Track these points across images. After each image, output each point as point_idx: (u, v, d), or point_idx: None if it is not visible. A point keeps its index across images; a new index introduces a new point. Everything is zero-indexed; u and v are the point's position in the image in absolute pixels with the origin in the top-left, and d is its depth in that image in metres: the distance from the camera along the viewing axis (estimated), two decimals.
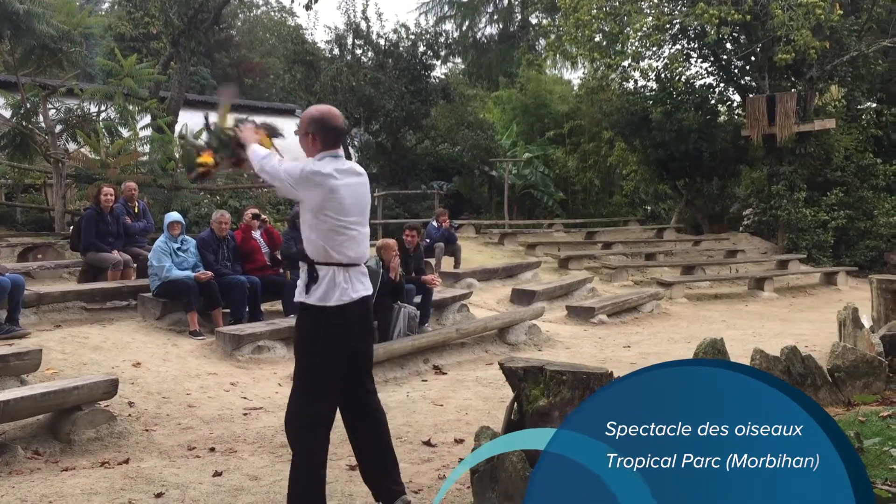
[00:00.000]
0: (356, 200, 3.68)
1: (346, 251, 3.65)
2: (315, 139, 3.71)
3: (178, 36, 16.85)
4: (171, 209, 12.02)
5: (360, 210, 3.70)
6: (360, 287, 3.72)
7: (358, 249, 3.70)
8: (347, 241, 3.65)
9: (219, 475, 4.50)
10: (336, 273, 3.65)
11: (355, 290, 3.69)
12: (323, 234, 3.61)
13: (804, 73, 18.45)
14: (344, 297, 3.65)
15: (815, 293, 15.71)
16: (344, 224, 3.62)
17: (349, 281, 3.67)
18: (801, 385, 5.57)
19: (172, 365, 6.96)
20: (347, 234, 3.64)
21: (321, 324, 3.68)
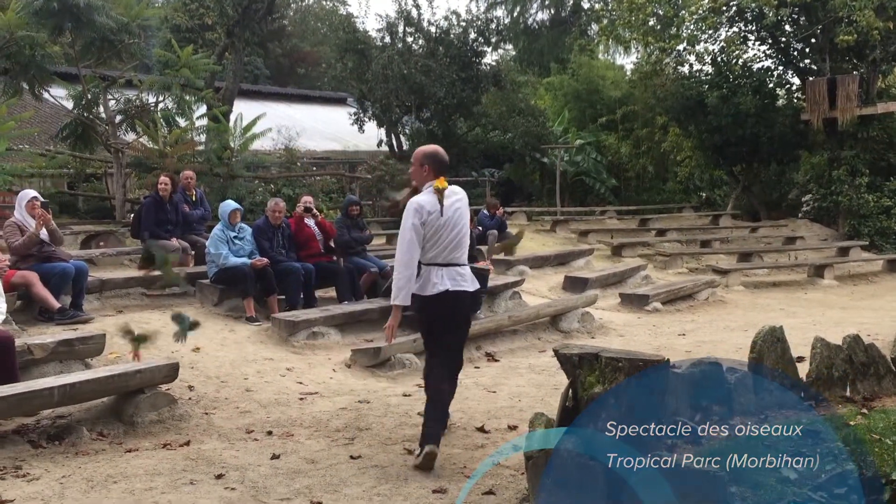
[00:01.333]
0: (448, 216, 4.70)
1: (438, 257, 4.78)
2: (428, 170, 4.72)
3: (233, 26, 17.08)
4: (227, 197, 12.24)
5: (447, 220, 4.69)
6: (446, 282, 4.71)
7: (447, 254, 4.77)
8: (440, 247, 4.76)
9: (276, 458, 4.59)
10: (432, 271, 4.77)
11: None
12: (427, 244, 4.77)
13: (867, 55, 17.92)
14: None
15: (877, 281, 15.29)
16: (437, 239, 4.73)
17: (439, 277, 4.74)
18: (863, 374, 5.44)
19: (230, 350, 7.10)
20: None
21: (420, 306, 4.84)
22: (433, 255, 4.66)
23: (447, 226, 4.64)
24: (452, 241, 4.67)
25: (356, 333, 8.05)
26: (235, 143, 13.85)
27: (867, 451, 3.76)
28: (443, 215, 4.62)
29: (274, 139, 17.17)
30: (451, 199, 4.69)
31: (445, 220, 4.63)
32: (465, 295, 4.75)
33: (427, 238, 4.63)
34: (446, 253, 4.68)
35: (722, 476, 3.18)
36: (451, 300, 4.66)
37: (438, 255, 4.66)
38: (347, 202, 10.08)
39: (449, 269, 4.69)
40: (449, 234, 4.65)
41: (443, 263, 4.68)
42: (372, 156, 21.09)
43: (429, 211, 4.60)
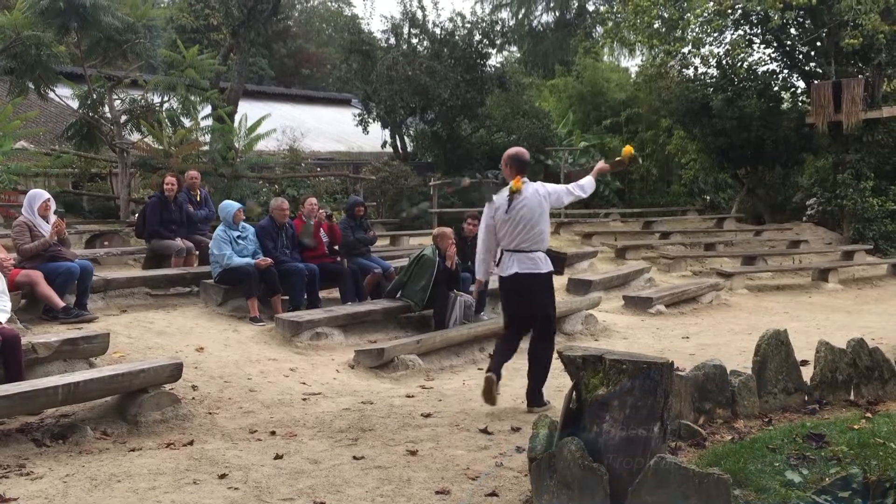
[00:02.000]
0: (521, 209, 5.70)
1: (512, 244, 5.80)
2: (510, 169, 5.76)
3: (238, 27, 17.11)
4: (231, 197, 12.27)
5: (520, 215, 5.70)
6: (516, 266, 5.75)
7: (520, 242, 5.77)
8: (513, 236, 5.78)
9: (280, 458, 4.59)
10: (508, 256, 5.84)
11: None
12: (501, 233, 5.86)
13: (872, 59, 17.87)
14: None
15: (881, 285, 15.25)
16: (511, 229, 5.79)
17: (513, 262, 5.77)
18: (867, 378, 5.44)
19: (234, 350, 7.11)
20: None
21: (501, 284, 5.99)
22: (505, 243, 5.76)
23: (513, 220, 5.65)
24: (520, 232, 5.67)
25: (360, 334, 8.06)
26: (240, 143, 13.89)
27: (871, 454, 3.76)
28: (508, 213, 5.63)
29: (278, 140, 17.20)
30: (520, 198, 5.64)
31: (511, 216, 5.65)
32: (536, 276, 5.71)
33: (498, 229, 5.74)
34: (516, 242, 5.70)
35: (726, 479, 3.17)
36: (520, 281, 5.70)
37: (510, 244, 5.73)
38: (353, 203, 10.08)
39: (519, 254, 5.70)
40: (516, 227, 5.66)
41: (513, 250, 5.73)
42: (376, 157, 21.11)
43: (496, 208, 5.72)
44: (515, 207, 5.65)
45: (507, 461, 4.52)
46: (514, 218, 5.65)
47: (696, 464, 3.80)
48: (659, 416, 3.61)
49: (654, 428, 3.60)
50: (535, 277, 5.72)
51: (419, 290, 8.36)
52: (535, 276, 5.72)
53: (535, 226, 5.69)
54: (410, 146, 22.25)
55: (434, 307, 8.44)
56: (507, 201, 5.67)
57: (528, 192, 5.70)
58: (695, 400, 4.84)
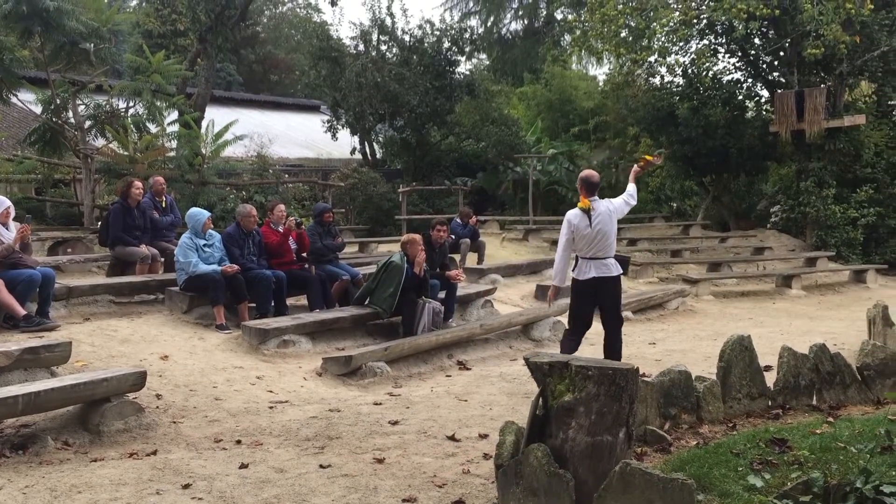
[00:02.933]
0: (597, 224, 6.67)
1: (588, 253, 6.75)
2: (581, 189, 6.79)
3: (205, 32, 16.99)
4: (198, 204, 12.14)
5: (598, 228, 6.65)
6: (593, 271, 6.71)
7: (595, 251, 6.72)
8: (588, 247, 6.73)
9: (245, 467, 4.54)
10: (584, 263, 6.79)
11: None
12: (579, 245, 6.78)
13: (834, 69, 18.19)
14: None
15: (843, 291, 15.50)
16: (587, 241, 6.73)
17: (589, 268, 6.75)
18: (829, 383, 5.52)
19: (199, 358, 7.03)
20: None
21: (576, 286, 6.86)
22: (584, 252, 6.70)
23: (592, 233, 6.63)
24: (597, 243, 6.66)
25: (327, 342, 8.02)
26: (207, 149, 13.76)
27: (832, 459, 3.81)
28: (591, 227, 6.63)
29: (246, 146, 17.09)
30: (596, 214, 6.64)
31: (590, 230, 6.63)
32: (608, 279, 6.72)
33: (577, 241, 6.70)
34: (593, 251, 6.68)
35: (690, 484, 3.19)
36: (596, 283, 6.69)
37: (587, 252, 6.69)
38: (321, 209, 10.02)
39: (595, 261, 6.70)
40: (594, 239, 6.65)
41: (590, 258, 6.70)
42: (345, 163, 21.07)
43: (576, 224, 6.68)
44: (594, 222, 6.65)
45: (475, 468, 4.52)
46: (592, 231, 6.64)
47: (662, 469, 3.83)
48: (624, 422, 3.63)
49: (620, 434, 3.62)
50: (608, 280, 6.74)
51: (387, 297, 8.33)
52: (608, 278, 6.74)
53: (607, 237, 6.71)
54: (379, 153, 22.24)
55: (402, 314, 8.42)
56: (584, 218, 6.67)
57: (601, 208, 6.73)
58: (661, 405, 4.88)
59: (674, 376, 4.99)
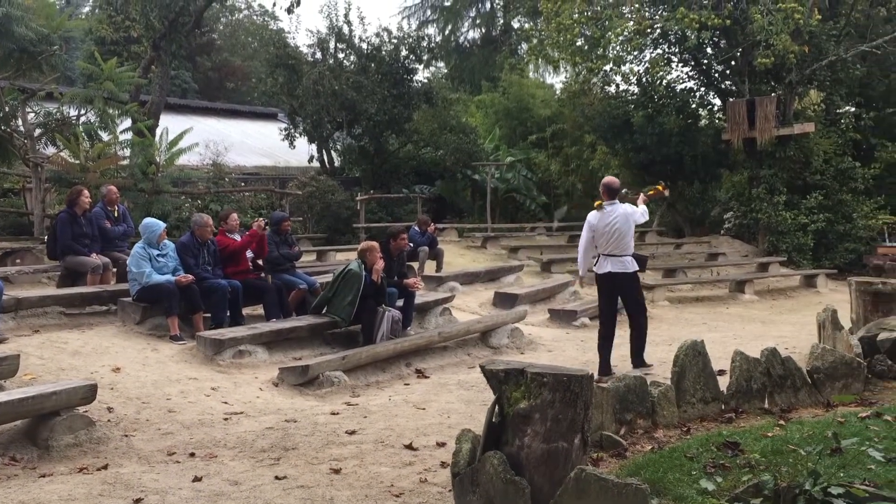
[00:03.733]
0: (612, 225, 7.59)
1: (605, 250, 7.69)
2: (603, 194, 7.67)
3: (159, 39, 16.77)
4: (152, 213, 11.97)
5: (614, 229, 7.56)
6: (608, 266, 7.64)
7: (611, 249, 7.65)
8: (606, 245, 7.67)
9: (198, 480, 4.47)
10: (603, 259, 7.73)
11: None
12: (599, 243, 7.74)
13: (784, 78, 18.60)
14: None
15: (795, 295, 15.81)
16: (605, 240, 7.67)
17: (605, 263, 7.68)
18: (780, 386, 5.61)
19: (152, 370, 6.91)
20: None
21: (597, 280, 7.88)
22: (602, 249, 7.62)
23: (608, 232, 7.55)
24: (612, 241, 7.55)
25: (284, 351, 7.94)
26: (161, 157, 13.58)
27: (782, 461, 3.87)
28: (605, 227, 7.54)
29: (201, 154, 16.90)
30: (610, 216, 7.55)
31: (605, 229, 7.55)
32: (624, 274, 7.59)
33: (597, 239, 7.63)
34: (609, 248, 7.59)
35: (644, 489, 3.22)
36: (612, 277, 7.60)
37: (605, 249, 7.60)
38: (279, 218, 9.93)
39: (612, 258, 7.59)
40: (610, 238, 7.56)
41: (607, 254, 7.61)
42: (303, 172, 20.93)
43: (595, 224, 7.64)
44: (609, 222, 7.54)
45: (432, 477, 4.51)
46: (609, 230, 7.54)
47: (617, 474, 3.86)
48: (580, 428, 3.66)
49: (575, 440, 3.64)
50: (623, 275, 7.60)
51: (346, 306, 8.28)
52: (624, 274, 7.60)
53: (623, 237, 7.58)
54: (338, 161, 22.15)
55: (362, 322, 8.38)
56: (602, 217, 7.57)
57: (619, 211, 7.59)
58: (616, 411, 4.92)
59: (629, 382, 5.03)
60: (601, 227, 7.56)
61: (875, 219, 19.36)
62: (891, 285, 8.54)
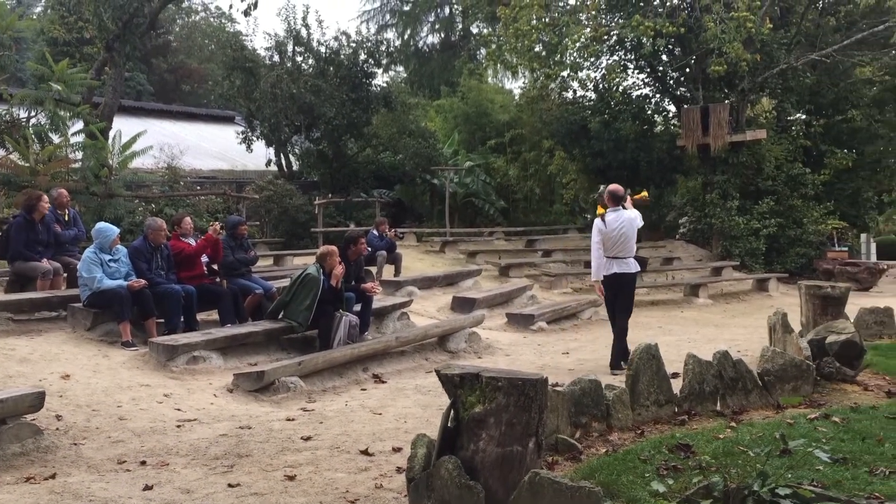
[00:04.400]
0: (620, 229, 8.17)
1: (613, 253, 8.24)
2: (608, 201, 8.31)
3: (113, 41, 16.50)
4: (105, 217, 11.76)
5: (621, 233, 8.13)
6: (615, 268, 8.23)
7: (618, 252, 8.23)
8: (614, 248, 8.22)
9: (149, 489, 4.40)
10: (610, 261, 8.25)
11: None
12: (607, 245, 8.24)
13: (736, 85, 18.95)
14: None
15: (747, 299, 16.09)
16: (613, 243, 8.21)
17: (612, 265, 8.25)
18: (732, 389, 5.70)
19: (103, 377, 6.78)
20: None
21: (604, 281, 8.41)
22: (608, 252, 8.16)
23: (615, 236, 8.12)
24: (619, 244, 8.14)
25: (240, 357, 7.85)
26: (114, 160, 13.35)
27: (732, 463, 3.93)
28: (614, 231, 8.11)
29: (156, 157, 16.66)
30: (617, 220, 8.14)
31: (611, 233, 8.13)
32: (627, 275, 8.23)
33: (604, 243, 8.16)
34: (615, 251, 8.17)
35: (597, 492, 3.25)
36: (619, 277, 8.20)
37: (611, 252, 8.16)
38: (235, 222, 9.83)
39: (617, 260, 8.17)
40: (617, 242, 8.13)
41: (613, 257, 8.18)
42: (260, 175, 20.75)
43: (601, 228, 8.20)
44: (617, 227, 8.13)
45: (387, 482, 4.49)
46: (617, 234, 8.11)
47: (572, 477, 3.88)
48: (534, 432, 3.67)
49: (530, 443, 3.66)
50: (628, 275, 8.26)
51: (303, 310, 8.22)
52: (628, 274, 8.26)
53: (629, 240, 8.18)
54: (296, 165, 21.99)
55: (319, 327, 8.32)
56: (611, 222, 8.15)
57: (625, 216, 8.18)
58: (572, 414, 4.95)
59: (584, 385, 5.07)
60: (610, 231, 8.12)
61: (824, 224, 19.84)
62: (839, 289, 8.74)
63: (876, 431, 4.72)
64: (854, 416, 5.12)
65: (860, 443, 4.49)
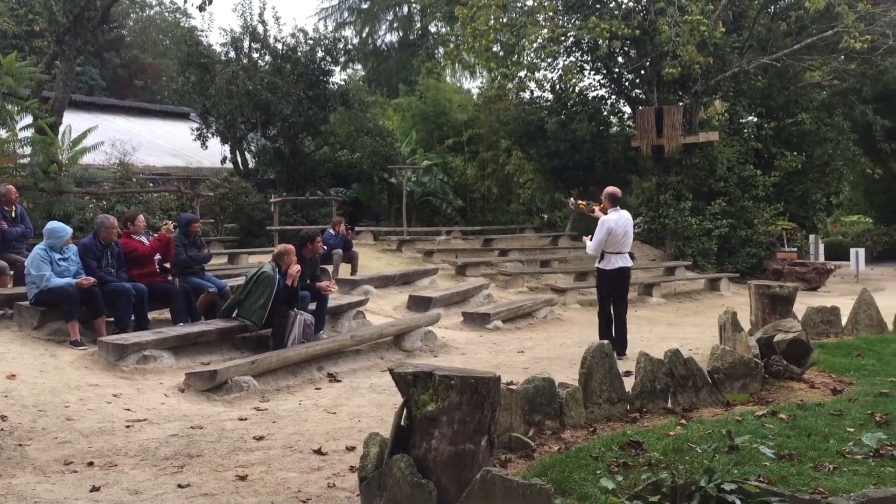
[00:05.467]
0: (623, 227, 9.01)
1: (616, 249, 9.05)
2: (608, 202, 9.02)
3: (64, 34, 16.13)
4: (54, 214, 11.52)
5: (624, 231, 8.99)
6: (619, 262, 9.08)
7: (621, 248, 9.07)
8: (616, 244, 9.00)
9: (96, 490, 4.32)
10: (611, 256, 9.02)
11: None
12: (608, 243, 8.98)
13: (690, 88, 19.22)
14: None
15: (699, 298, 16.34)
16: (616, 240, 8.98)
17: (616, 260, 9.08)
18: (682, 387, 5.79)
19: (50, 377, 6.64)
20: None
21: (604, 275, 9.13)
22: (612, 248, 8.94)
23: (621, 233, 8.94)
24: (622, 240, 8.96)
25: (192, 356, 7.75)
26: (64, 156, 13.07)
27: (680, 459, 3.99)
28: (621, 228, 8.92)
29: (108, 153, 16.34)
30: (621, 219, 8.95)
31: (619, 231, 8.91)
32: (628, 268, 9.20)
33: (610, 240, 8.89)
34: (618, 247, 8.98)
35: (548, 489, 3.27)
36: (622, 271, 9.09)
37: (615, 248, 8.96)
38: (188, 220, 9.70)
39: (620, 255, 9.04)
40: (621, 238, 8.95)
41: (616, 252, 9.00)
42: (215, 173, 20.48)
43: (612, 228, 8.87)
44: (622, 225, 8.95)
45: (340, 482, 4.47)
46: (621, 232, 8.93)
47: (524, 475, 3.91)
48: (486, 430, 3.68)
49: (482, 442, 3.67)
50: (628, 269, 9.23)
51: (258, 309, 8.15)
52: (628, 268, 9.22)
53: (629, 237, 9.08)
54: (252, 162, 21.76)
55: (273, 326, 8.25)
56: (614, 221, 8.89)
57: (625, 216, 9.05)
58: (525, 412, 4.98)
59: (538, 383, 5.10)
60: (618, 229, 8.88)
61: (774, 225, 20.24)
62: (787, 289, 8.93)
63: (821, 428, 4.83)
64: (800, 413, 5.23)
65: (806, 439, 4.59)
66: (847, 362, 6.98)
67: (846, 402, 5.58)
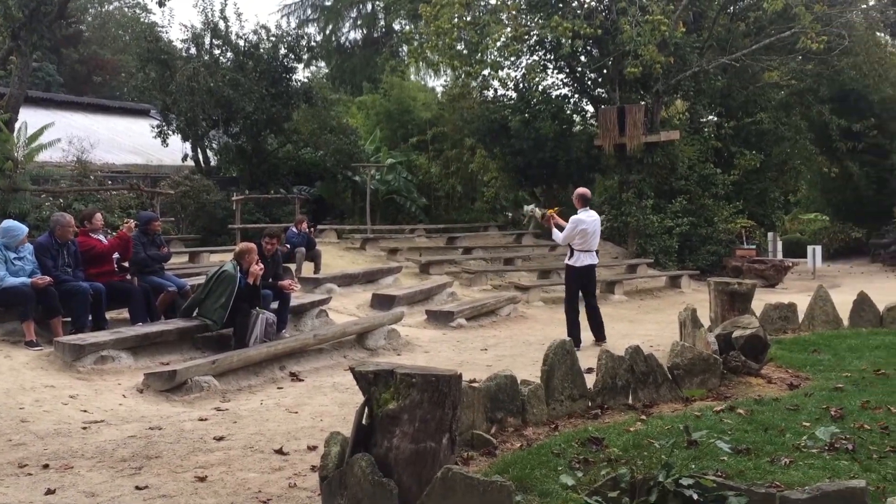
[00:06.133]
0: (593, 226, 9.51)
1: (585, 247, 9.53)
2: (579, 203, 9.55)
3: (19, 29, 15.83)
4: (9, 212, 11.29)
5: (594, 230, 9.48)
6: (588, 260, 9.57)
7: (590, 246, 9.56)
8: (586, 243, 9.48)
9: (52, 493, 4.24)
10: (581, 254, 9.46)
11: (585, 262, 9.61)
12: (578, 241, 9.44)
13: (651, 87, 19.41)
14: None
15: (661, 296, 16.52)
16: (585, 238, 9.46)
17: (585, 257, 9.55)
18: (643, 383, 5.84)
19: (4, 378, 6.51)
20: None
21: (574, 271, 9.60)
22: (582, 246, 9.40)
23: (591, 232, 9.42)
24: (591, 239, 9.44)
25: (151, 356, 7.65)
26: (19, 153, 12.82)
27: (639, 455, 4.03)
28: (591, 227, 9.42)
29: (65, 150, 16.07)
30: (591, 219, 9.46)
31: (590, 230, 9.41)
32: (595, 266, 9.65)
33: (580, 238, 9.35)
34: (588, 245, 9.43)
35: (508, 486, 3.28)
36: (590, 268, 9.58)
37: (584, 246, 9.42)
38: (147, 218, 9.57)
39: (588, 253, 9.49)
40: (591, 236, 9.43)
41: (585, 250, 9.44)
42: (176, 171, 20.22)
43: (584, 228, 9.34)
44: (592, 223, 9.43)
45: (301, 481, 4.44)
46: (592, 230, 9.41)
47: (486, 472, 3.92)
48: (448, 428, 3.68)
49: (444, 440, 3.67)
50: (595, 266, 9.69)
51: (219, 308, 8.07)
52: (594, 265, 9.67)
53: (597, 236, 9.58)
54: (214, 160, 21.52)
55: (234, 325, 8.17)
56: (583, 220, 9.38)
57: (593, 217, 9.54)
58: (487, 410, 4.99)
59: (500, 381, 5.11)
60: (589, 228, 9.36)
61: (734, 223, 20.55)
62: (746, 286, 9.05)
63: (778, 422, 4.90)
64: (758, 408, 5.30)
65: (763, 434, 4.66)
66: (803, 358, 7.09)
67: (802, 396, 5.67)
